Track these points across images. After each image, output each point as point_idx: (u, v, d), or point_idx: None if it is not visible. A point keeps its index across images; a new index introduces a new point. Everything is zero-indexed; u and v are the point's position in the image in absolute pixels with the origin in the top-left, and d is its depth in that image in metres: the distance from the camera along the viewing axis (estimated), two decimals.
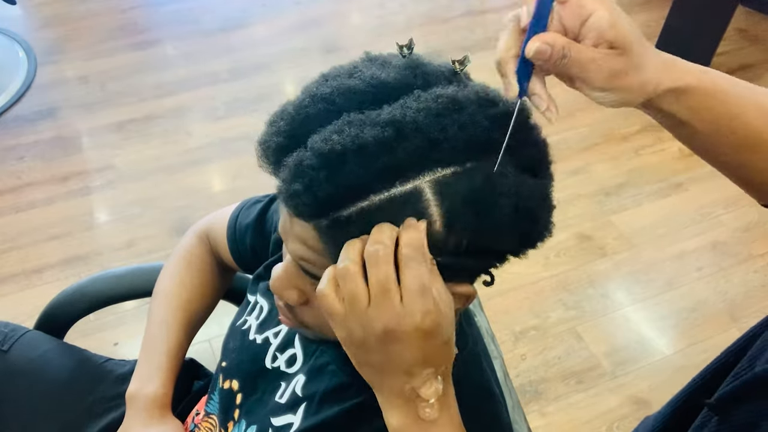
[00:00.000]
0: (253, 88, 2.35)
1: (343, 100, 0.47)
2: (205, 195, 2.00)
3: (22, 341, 0.92)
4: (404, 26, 2.70)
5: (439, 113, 0.45)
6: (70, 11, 2.74)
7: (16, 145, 2.13)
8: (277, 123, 0.48)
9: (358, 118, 0.45)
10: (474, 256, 0.48)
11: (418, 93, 0.46)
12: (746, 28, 2.63)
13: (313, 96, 0.48)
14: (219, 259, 0.88)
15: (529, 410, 1.48)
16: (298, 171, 0.45)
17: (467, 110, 0.45)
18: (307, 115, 0.47)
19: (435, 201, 0.45)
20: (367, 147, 0.43)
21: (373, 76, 0.48)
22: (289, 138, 0.47)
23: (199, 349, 1.50)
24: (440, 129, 0.44)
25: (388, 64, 0.49)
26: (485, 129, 0.45)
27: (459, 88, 0.48)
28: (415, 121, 0.44)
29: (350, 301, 0.45)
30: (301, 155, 0.45)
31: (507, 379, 0.82)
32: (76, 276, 1.73)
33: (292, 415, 0.63)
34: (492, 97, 0.48)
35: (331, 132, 0.45)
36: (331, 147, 0.44)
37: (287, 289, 0.54)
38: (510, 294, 1.71)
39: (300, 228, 0.48)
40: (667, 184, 2.02)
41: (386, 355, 0.46)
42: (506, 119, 0.46)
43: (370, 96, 0.47)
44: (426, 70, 0.49)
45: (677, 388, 0.78)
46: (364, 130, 0.44)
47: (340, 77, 0.49)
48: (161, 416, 0.77)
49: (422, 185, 0.45)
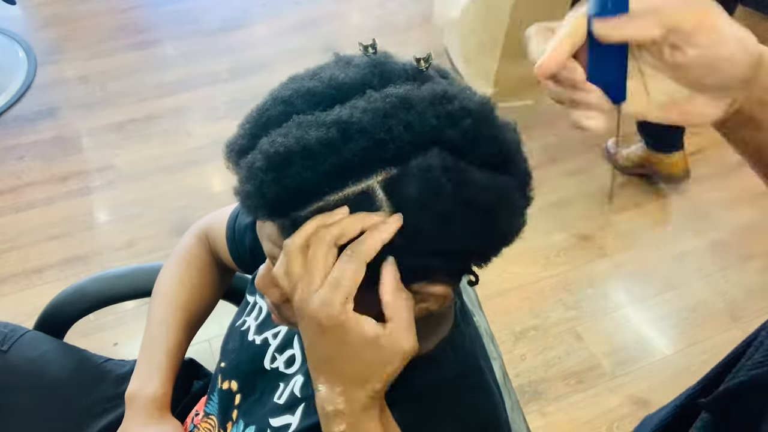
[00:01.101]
0: (253, 88, 2.35)
1: (301, 101, 0.47)
2: (205, 195, 2.00)
3: (22, 341, 0.92)
4: (404, 26, 2.70)
5: (387, 112, 0.44)
6: (70, 11, 2.74)
7: (16, 145, 2.13)
8: (244, 125, 0.49)
9: (306, 119, 0.45)
10: (437, 256, 0.47)
11: (369, 93, 0.46)
12: (746, 28, 2.62)
13: (275, 98, 0.48)
14: (218, 259, 0.88)
15: (528, 410, 1.48)
16: (250, 173, 0.46)
17: (416, 108, 0.45)
18: (268, 118, 0.48)
19: (386, 201, 0.45)
20: (311, 148, 0.44)
21: (332, 77, 0.48)
22: (251, 140, 0.48)
23: (199, 349, 1.50)
24: (386, 129, 0.44)
25: (349, 64, 0.49)
26: (433, 127, 0.45)
27: (413, 86, 0.47)
28: (360, 121, 0.44)
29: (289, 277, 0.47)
30: (253, 157, 0.46)
31: (506, 379, 0.82)
32: (76, 276, 1.73)
33: (291, 416, 0.63)
34: (450, 94, 0.46)
35: (278, 134, 0.45)
36: (276, 149, 0.44)
37: (269, 288, 0.55)
38: (510, 294, 1.71)
39: (269, 228, 0.49)
40: (666, 184, 2.02)
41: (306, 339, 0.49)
42: (460, 113, 0.45)
43: (328, 97, 0.47)
44: (386, 69, 0.49)
45: (677, 388, 0.78)
46: (309, 131, 0.44)
47: (302, 79, 0.49)
48: (160, 416, 0.77)
49: (374, 185, 0.45)
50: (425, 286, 0.49)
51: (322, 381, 0.49)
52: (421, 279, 0.49)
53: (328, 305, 0.44)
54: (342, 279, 0.44)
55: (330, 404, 0.48)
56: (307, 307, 0.45)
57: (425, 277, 0.49)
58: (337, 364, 0.47)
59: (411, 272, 0.47)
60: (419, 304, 0.51)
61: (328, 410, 0.49)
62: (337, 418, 0.48)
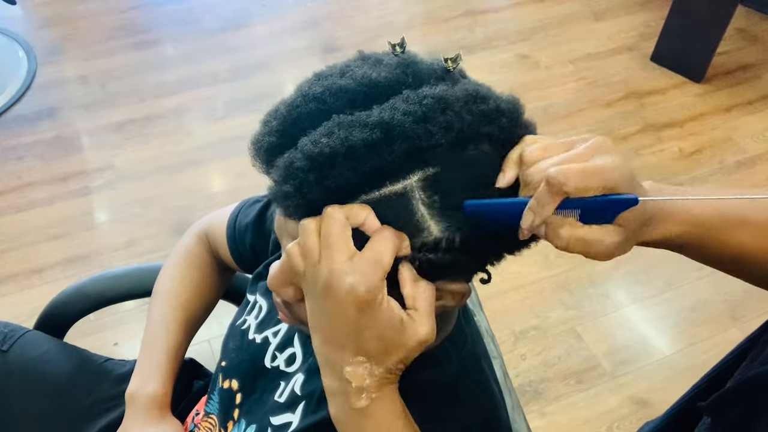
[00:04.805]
0: (253, 88, 2.35)
1: (334, 99, 0.47)
2: (205, 195, 2.00)
3: (22, 341, 0.92)
4: (404, 26, 2.70)
5: (426, 113, 0.45)
6: (70, 11, 2.74)
7: (16, 145, 2.13)
8: (270, 122, 0.49)
9: (347, 119, 0.45)
10: (467, 253, 0.47)
11: (407, 93, 0.46)
12: (746, 28, 2.63)
13: (305, 95, 0.48)
14: (218, 259, 0.88)
15: (529, 410, 1.48)
16: (289, 172, 0.45)
17: (453, 108, 0.45)
18: (299, 115, 0.47)
19: (425, 199, 0.45)
20: (356, 149, 0.44)
21: (364, 76, 0.48)
22: (281, 137, 0.47)
23: (199, 349, 1.50)
24: (426, 129, 0.44)
25: (380, 63, 0.49)
26: (470, 125, 0.45)
27: (448, 86, 0.48)
28: (402, 123, 0.44)
29: (306, 255, 0.46)
30: (291, 156, 0.45)
31: (506, 379, 0.82)
32: (76, 276, 1.73)
33: (291, 414, 0.63)
34: (483, 94, 0.48)
35: (321, 134, 0.45)
36: (321, 149, 0.44)
37: (283, 287, 0.54)
38: (510, 294, 1.71)
39: (294, 227, 0.49)
40: (667, 184, 2.02)
41: (326, 317, 0.47)
42: (495, 114, 0.46)
43: (361, 95, 0.47)
44: (417, 69, 0.49)
45: (677, 388, 0.78)
46: (353, 132, 0.44)
47: (332, 76, 0.49)
48: (160, 416, 0.77)
49: (412, 184, 0.45)
50: (446, 283, 0.49)
51: (346, 356, 0.48)
52: (447, 276, 0.49)
53: (368, 281, 0.44)
54: (382, 258, 0.44)
55: (354, 379, 0.48)
56: (342, 279, 0.44)
57: (450, 274, 0.49)
58: (363, 340, 0.47)
59: (440, 269, 0.47)
60: (438, 302, 0.51)
61: (353, 386, 0.48)
62: (361, 393, 0.48)
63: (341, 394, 0.49)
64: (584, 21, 2.70)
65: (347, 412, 0.49)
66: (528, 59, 2.50)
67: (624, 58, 2.48)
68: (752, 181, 2.03)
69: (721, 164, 2.08)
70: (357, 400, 0.48)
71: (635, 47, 2.54)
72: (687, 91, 2.34)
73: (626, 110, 2.26)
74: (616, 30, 2.63)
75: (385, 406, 0.49)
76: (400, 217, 0.45)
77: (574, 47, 2.54)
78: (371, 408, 0.48)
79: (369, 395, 0.48)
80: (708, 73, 2.36)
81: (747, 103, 2.30)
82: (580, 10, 2.75)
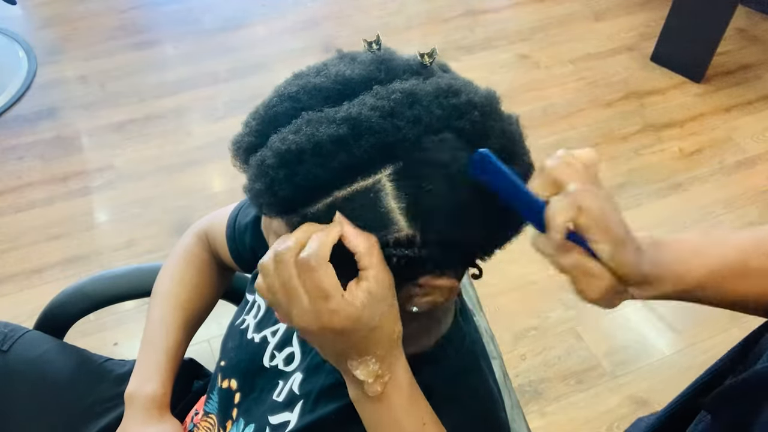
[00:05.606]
0: (252, 88, 2.35)
1: (308, 97, 0.47)
2: (205, 195, 2.00)
3: (22, 341, 0.92)
4: (404, 26, 2.70)
5: (393, 108, 0.45)
6: (70, 11, 2.74)
7: (16, 145, 2.13)
8: (250, 123, 0.49)
9: (316, 116, 0.46)
10: (444, 247, 0.47)
11: (376, 89, 0.46)
12: (746, 28, 2.63)
13: (281, 95, 0.48)
14: (218, 259, 0.88)
15: (529, 410, 1.48)
16: (260, 170, 0.46)
17: (421, 102, 0.45)
18: (275, 114, 0.48)
19: (395, 194, 0.45)
20: (323, 145, 0.44)
21: (338, 73, 0.48)
22: (258, 137, 0.48)
23: (199, 349, 1.50)
24: (394, 124, 0.44)
25: (354, 61, 0.50)
26: (438, 118, 0.45)
27: (419, 81, 0.47)
28: (369, 118, 0.44)
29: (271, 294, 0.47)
30: (263, 155, 0.46)
31: (506, 379, 0.82)
32: (76, 276, 1.73)
33: (289, 413, 0.63)
34: (456, 87, 0.47)
35: (289, 131, 0.45)
36: (288, 146, 0.44)
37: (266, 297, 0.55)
38: (510, 294, 1.71)
39: (277, 224, 0.49)
40: (666, 184, 2.02)
41: (313, 343, 0.50)
42: (467, 107, 0.46)
43: (335, 93, 0.47)
44: (391, 65, 0.49)
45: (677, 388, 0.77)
46: (320, 128, 0.44)
47: (308, 75, 0.49)
48: (160, 416, 0.77)
49: (382, 179, 0.45)
50: (431, 279, 0.49)
51: (351, 363, 0.49)
52: (428, 271, 0.49)
53: (333, 312, 0.45)
54: (323, 286, 0.44)
55: (368, 376, 0.49)
56: (313, 323, 0.46)
57: (432, 269, 0.49)
58: (355, 348, 0.48)
59: (419, 264, 0.47)
60: (425, 298, 0.51)
61: (369, 381, 0.50)
62: (378, 381, 0.50)
63: (359, 386, 0.51)
64: (584, 21, 2.70)
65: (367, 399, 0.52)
66: (528, 59, 2.50)
67: (624, 58, 2.48)
68: (754, 181, 2.03)
69: (721, 164, 2.08)
70: (375, 388, 0.50)
71: (635, 47, 2.54)
72: (687, 91, 2.34)
73: (626, 110, 2.26)
74: (616, 30, 2.63)
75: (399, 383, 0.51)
76: (372, 212, 0.45)
77: (574, 47, 2.54)
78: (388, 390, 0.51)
79: (383, 382, 0.50)
80: (708, 73, 2.36)
81: (747, 103, 2.30)
82: (580, 10, 2.75)
